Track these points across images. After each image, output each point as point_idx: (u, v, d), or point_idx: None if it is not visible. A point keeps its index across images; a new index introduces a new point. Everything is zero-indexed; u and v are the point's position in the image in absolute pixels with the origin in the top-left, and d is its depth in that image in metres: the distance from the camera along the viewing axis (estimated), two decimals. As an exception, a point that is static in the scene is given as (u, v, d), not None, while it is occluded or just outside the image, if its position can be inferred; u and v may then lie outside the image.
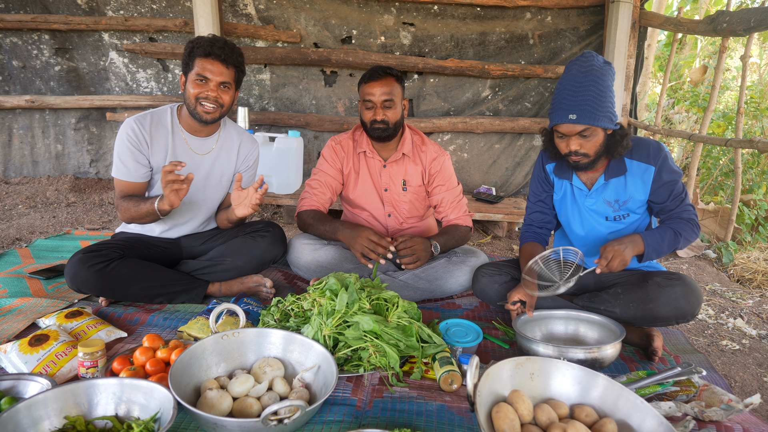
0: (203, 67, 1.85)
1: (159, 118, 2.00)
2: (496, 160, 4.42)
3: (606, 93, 1.67)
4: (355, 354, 1.52)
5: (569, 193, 1.96)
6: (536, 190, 2.05)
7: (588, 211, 1.92)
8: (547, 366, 1.32)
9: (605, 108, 1.66)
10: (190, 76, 1.89)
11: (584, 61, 1.69)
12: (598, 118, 1.65)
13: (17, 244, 2.95)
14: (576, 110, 1.65)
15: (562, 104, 1.68)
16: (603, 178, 1.84)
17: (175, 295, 1.99)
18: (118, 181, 1.95)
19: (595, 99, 1.64)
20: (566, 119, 1.66)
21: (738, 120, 3.29)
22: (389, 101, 2.08)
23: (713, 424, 1.33)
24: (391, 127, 2.12)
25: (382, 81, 2.08)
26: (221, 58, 1.86)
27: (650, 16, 3.96)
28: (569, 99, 1.66)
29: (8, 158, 4.43)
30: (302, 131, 4.31)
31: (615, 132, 1.74)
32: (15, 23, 4.06)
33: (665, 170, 1.77)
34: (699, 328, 2.32)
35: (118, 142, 1.94)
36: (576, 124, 1.66)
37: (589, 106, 1.64)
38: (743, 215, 3.64)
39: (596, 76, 1.65)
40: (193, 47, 1.88)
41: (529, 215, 2.09)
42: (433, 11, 4.16)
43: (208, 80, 1.87)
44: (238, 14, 4.19)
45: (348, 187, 2.34)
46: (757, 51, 6.99)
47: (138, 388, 1.22)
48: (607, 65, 1.70)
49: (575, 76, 1.67)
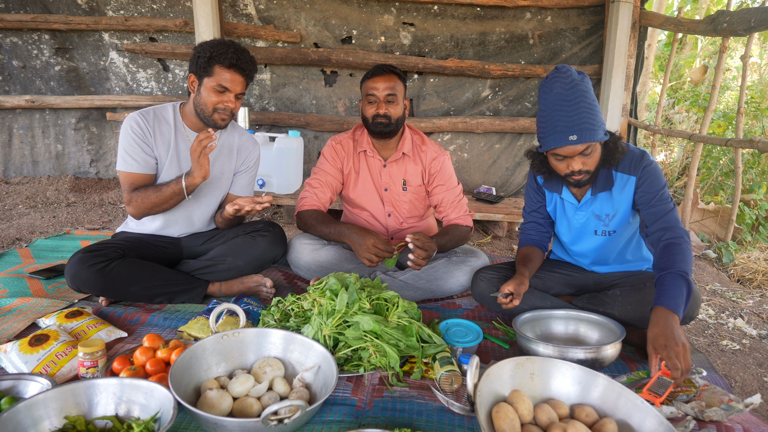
0: (225, 77, 1.86)
1: (162, 114, 2.00)
2: (496, 160, 4.42)
3: (595, 105, 1.64)
4: (355, 354, 1.52)
5: (559, 205, 1.95)
6: (530, 200, 2.05)
7: (578, 224, 1.91)
8: (547, 366, 1.32)
9: (599, 120, 1.63)
10: (207, 82, 1.88)
11: (563, 77, 1.62)
12: (597, 133, 1.61)
13: (17, 244, 2.95)
14: (575, 130, 1.59)
15: (557, 126, 1.61)
16: (590, 192, 1.82)
17: (175, 294, 1.99)
18: (127, 174, 1.94)
19: (589, 114, 1.60)
20: (567, 141, 1.60)
21: (738, 120, 3.29)
22: (392, 95, 2.08)
23: (713, 424, 1.33)
24: (393, 123, 2.12)
25: (386, 77, 2.09)
26: (245, 72, 1.89)
27: (650, 16, 3.96)
28: (565, 120, 1.60)
29: (8, 158, 4.43)
30: (302, 131, 4.31)
31: (608, 141, 1.71)
32: (15, 23, 4.06)
33: (646, 181, 1.72)
34: (699, 328, 2.32)
35: (123, 136, 1.93)
36: (578, 144, 1.61)
37: (587, 123, 1.59)
38: (743, 215, 3.64)
39: (582, 91, 1.61)
40: (213, 54, 1.85)
41: (525, 224, 2.09)
42: (433, 11, 4.16)
43: (228, 92, 1.89)
44: (238, 14, 4.19)
45: (348, 187, 2.34)
46: (757, 51, 6.99)
47: (138, 388, 1.22)
48: (583, 76, 1.64)
49: (562, 95, 1.61)
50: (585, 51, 4.19)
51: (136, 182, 1.94)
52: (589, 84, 1.65)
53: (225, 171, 2.13)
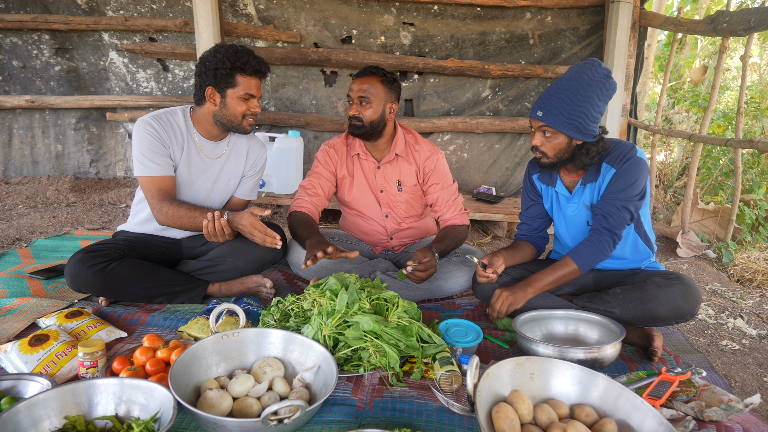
0: (251, 85, 1.90)
1: (173, 119, 1.98)
2: (496, 160, 4.42)
3: (582, 103, 1.65)
4: (355, 354, 1.52)
5: (555, 199, 1.98)
6: (525, 199, 2.09)
7: (570, 215, 1.93)
8: (547, 366, 1.32)
9: (575, 117, 1.66)
10: (232, 93, 1.89)
11: (581, 67, 1.69)
12: (561, 123, 1.67)
13: (17, 244, 2.95)
14: (544, 108, 1.70)
15: (539, 99, 1.74)
16: (581, 182, 1.85)
17: (175, 295, 1.99)
18: (151, 179, 1.89)
19: (567, 105, 1.66)
20: (534, 114, 1.73)
21: (738, 120, 3.29)
22: (364, 98, 2.07)
23: (713, 424, 1.33)
24: (366, 126, 2.10)
25: (363, 78, 2.10)
26: (264, 75, 1.94)
27: (650, 16, 3.96)
28: (546, 95, 1.71)
29: (8, 158, 4.43)
30: (302, 131, 4.31)
31: (586, 144, 1.74)
32: (15, 23, 4.06)
33: (625, 174, 1.73)
34: (699, 328, 2.32)
35: (139, 140, 1.88)
36: (538, 120, 1.71)
37: (557, 109, 1.67)
38: (743, 215, 3.64)
39: (580, 85, 1.65)
40: (235, 63, 1.84)
41: (519, 225, 2.14)
42: (433, 11, 4.16)
43: (253, 97, 1.93)
44: (238, 14, 4.19)
45: (344, 191, 2.33)
46: (757, 51, 7.00)
47: (138, 388, 1.22)
48: (603, 79, 1.66)
49: (563, 78, 1.70)
50: (585, 51, 4.19)
51: (163, 186, 1.91)
52: (604, 89, 1.67)
53: (233, 175, 2.13)
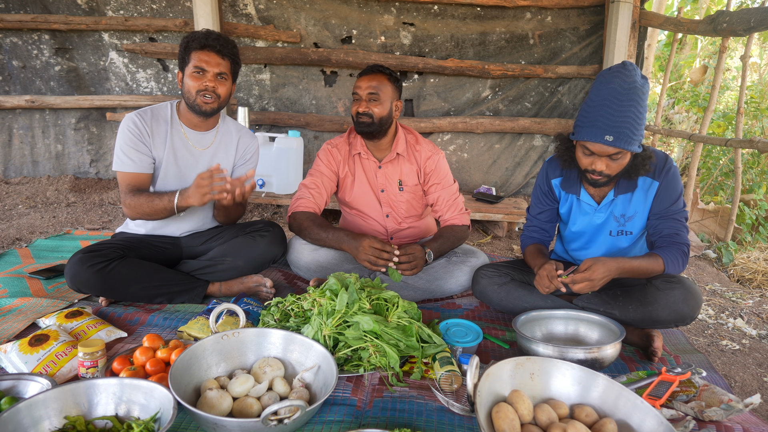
0: (200, 59, 1.88)
1: (159, 113, 2.02)
2: (496, 160, 4.42)
3: (643, 115, 1.59)
4: (355, 354, 1.52)
5: (576, 206, 1.93)
6: (538, 202, 2.02)
7: (594, 225, 1.90)
8: (547, 366, 1.32)
9: (640, 132, 1.59)
10: (187, 70, 1.92)
11: (626, 75, 1.57)
12: (633, 143, 1.58)
13: (17, 244, 2.95)
14: (614, 132, 1.55)
15: (599, 122, 1.57)
16: (612, 194, 1.81)
17: (175, 295, 1.99)
18: (124, 174, 1.94)
19: (635, 122, 1.56)
20: (601, 139, 1.56)
21: (738, 120, 3.29)
22: (374, 94, 2.07)
23: (713, 424, 1.33)
24: (376, 122, 2.10)
25: (371, 76, 2.10)
26: (216, 49, 1.89)
27: (650, 16, 3.96)
28: (608, 118, 1.56)
29: (8, 158, 4.43)
30: (302, 131, 4.31)
31: (639, 154, 1.68)
32: (15, 23, 4.06)
33: (670, 187, 1.74)
34: (699, 328, 2.32)
35: (120, 136, 1.94)
36: (610, 146, 1.58)
37: (628, 129, 1.55)
38: (743, 215, 3.64)
39: (638, 96, 1.56)
40: (188, 42, 1.90)
41: (528, 226, 2.08)
42: (433, 11, 4.16)
43: (206, 72, 1.89)
44: (238, 14, 4.19)
45: (345, 190, 2.33)
46: (757, 51, 7.00)
47: (138, 388, 1.22)
48: (645, 81, 1.60)
49: (616, 92, 1.56)
50: (585, 51, 4.19)
51: (132, 183, 1.95)
52: (647, 92, 1.61)
53: (224, 166, 2.13)
